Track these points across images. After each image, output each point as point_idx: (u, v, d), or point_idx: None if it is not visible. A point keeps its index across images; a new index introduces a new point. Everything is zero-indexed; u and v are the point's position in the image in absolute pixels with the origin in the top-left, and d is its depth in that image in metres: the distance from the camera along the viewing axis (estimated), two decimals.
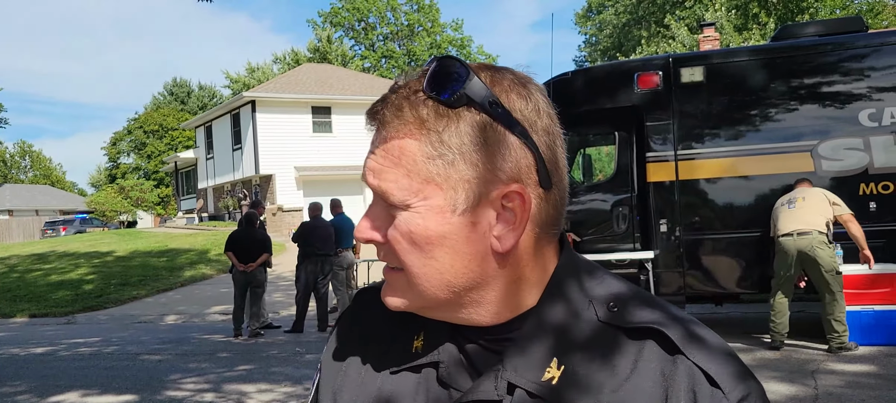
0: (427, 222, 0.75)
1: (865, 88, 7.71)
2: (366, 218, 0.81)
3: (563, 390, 0.74)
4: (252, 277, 10.35)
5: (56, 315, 14.99)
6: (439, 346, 0.83)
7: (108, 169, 64.86)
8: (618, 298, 0.79)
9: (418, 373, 0.83)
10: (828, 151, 7.69)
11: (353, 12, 54.24)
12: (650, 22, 40.60)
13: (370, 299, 0.93)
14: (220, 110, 33.82)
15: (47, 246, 28.09)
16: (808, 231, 6.98)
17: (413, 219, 0.76)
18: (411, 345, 0.85)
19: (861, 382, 6.01)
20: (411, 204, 0.76)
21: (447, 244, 0.76)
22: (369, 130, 0.81)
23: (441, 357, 0.82)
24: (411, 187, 0.76)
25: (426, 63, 0.79)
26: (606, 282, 0.81)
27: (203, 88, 63.94)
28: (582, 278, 0.81)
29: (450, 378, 0.80)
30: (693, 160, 8.06)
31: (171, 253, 22.29)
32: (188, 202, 40.31)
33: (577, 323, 0.78)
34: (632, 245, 8.40)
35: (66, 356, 9.40)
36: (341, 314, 0.96)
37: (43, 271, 20.44)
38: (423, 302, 0.79)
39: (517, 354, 0.77)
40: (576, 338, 0.77)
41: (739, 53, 8.65)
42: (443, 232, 0.76)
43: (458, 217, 0.75)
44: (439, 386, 0.81)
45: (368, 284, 0.97)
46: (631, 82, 8.18)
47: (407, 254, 0.77)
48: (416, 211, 0.76)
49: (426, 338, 0.84)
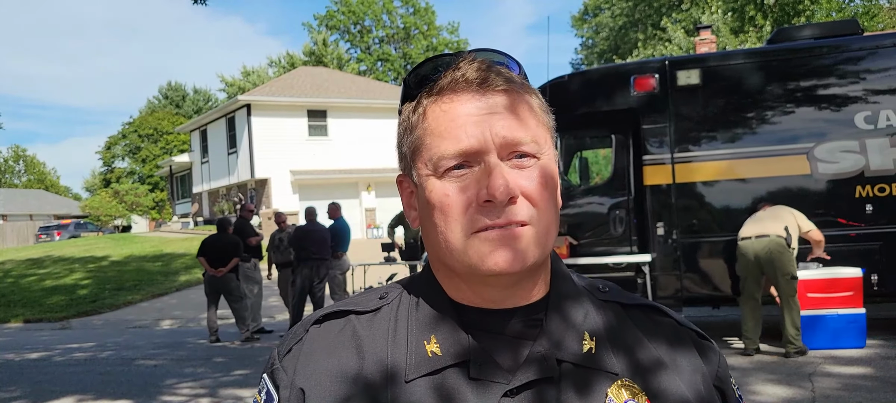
0: (552, 172, 0.85)
1: (861, 91, 7.72)
2: (500, 177, 0.80)
3: (602, 356, 0.85)
4: (223, 283, 10.31)
5: (51, 320, 14.94)
6: (460, 344, 0.83)
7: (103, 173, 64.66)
8: (598, 282, 0.95)
9: (437, 375, 0.82)
10: (824, 154, 7.70)
11: (349, 15, 54.25)
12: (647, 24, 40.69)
13: (333, 323, 0.90)
14: (216, 114, 33.75)
15: (42, 250, 28.00)
16: (766, 234, 7.06)
17: (548, 166, 0.84)
18: (423, 350, 0.83)
19: (858, 384, 6.01)
20: (544, 152, 0.84)
21: (556, 193, 0.86)
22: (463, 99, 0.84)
23: (469, 354, 0.82)
24: (540, 136, 0.85)
25: (462, 54, 0.87)
26: (568, 270, 0.94)
27: (198, 92, 63.84)
28: (559, 264, 0.92)
29: (481, 371, 0.81)
30: (690, 163, 8.06)
31: (167, 257, 22.24)
32: (183, 206, 40.21)
33: (584, 302, 0.89)
34: (629, 248, 8.39)
35: (61, 361, 9.36)
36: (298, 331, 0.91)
37: (37, 276, 20.37)
38: (537, 260, 0.83)
39: (553, 334, 0.84)
40: (592, 314, 0.88)
41: (736, 56, 8.66)
42: (555, 181, 0.86)
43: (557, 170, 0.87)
44: (471, 382, 0.81)
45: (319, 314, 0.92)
46: (627, 85, 8.18)
47: (544, 201, 0.83)
48: (548, 158, 0.85)
49: (442, 340, 0.84)
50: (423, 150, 0.86)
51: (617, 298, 0.92)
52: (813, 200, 7.75)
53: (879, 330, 7.98)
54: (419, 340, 0.84)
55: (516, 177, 0.81)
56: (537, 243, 0.82)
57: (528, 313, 0.86)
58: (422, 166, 0.86)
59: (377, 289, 0.94)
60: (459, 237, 0.82)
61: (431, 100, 0.86)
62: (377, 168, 30.68)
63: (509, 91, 0.84)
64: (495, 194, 0.79)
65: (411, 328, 0.86)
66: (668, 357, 0.88)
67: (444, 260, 0.86)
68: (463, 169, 0.82)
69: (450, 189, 0.82)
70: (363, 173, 30.66)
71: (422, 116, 0.87)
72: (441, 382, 0.81)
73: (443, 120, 0.84)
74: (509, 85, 0.85)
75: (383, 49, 55.20)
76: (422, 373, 0.82)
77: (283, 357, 0.89)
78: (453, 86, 0.84)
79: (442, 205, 0.83)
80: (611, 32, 45.36)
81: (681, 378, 0.86)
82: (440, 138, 0.83)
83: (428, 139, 0.85)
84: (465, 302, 0.86)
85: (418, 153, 0.86)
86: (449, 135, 0.83)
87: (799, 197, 7.76)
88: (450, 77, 0.85)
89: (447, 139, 0.83)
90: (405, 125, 0.90)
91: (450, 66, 0.86)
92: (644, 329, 0.90)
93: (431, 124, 0.85)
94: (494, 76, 0.84)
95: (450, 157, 0.82)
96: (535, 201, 0.82)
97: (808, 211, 7.73)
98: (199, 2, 9.75)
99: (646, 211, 8.17)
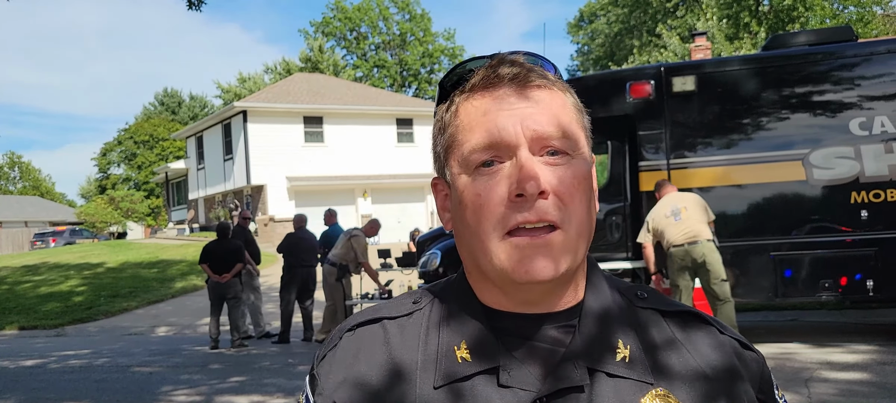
0: (586, 172, 0.84)
1: (856, 97, 7.75)
2: (530, 171, 0.79)
3: (636, 365, 0.82)
4: (226, 288, 10.30)
5: (46, 327, 14.87)
6: (491, 351, 0.82)
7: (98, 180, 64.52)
8: (636, 288, 0.91)
9: (466, 381, 0.81)
10: (819, 160, 7.72)
11: (345, 22, 54.30)
12: (642, 31, 40.80)
13: (366, 329, 0.90)
14: (212, 120, 33.73)
15: (37, 257, 27.91)
16: (697, 240, 7.12)
17: (581, 166, 0.83)
18: (453, 356, 0.83)
19: (854, 390, 6.02)
20: (577, 151, 0.83)
21: (592, 198, 0.85)
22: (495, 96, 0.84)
23: (499, 360, 0.81)
24: (574, 134, 0.84)
25: (497, 54, 0.87)
26: (604, 275, 0.92)
27: (194, 98, 63.81)
28: (596, 270, 0.90)
29: (511, 378, 0.80)
30: (685, 169, 8.08)
31: (162, 264, 22.19)
32: (179, 213, 40.15)
33: (620, 308, 0.87)
34: (625, 254, 8.40)
35: (57, 368, 9.32)
36: (334, 338, 0.92)
37: (32, 283, 20.30)
38: (571, 265, 0.81)
39: (586, 341, 0.83)
40: (627, 320, 0.86)
41: (731, 62, 8.68)
42: (590, 180, 0.85)
43: (592, 171, 0.86)
44: (500, 388, 0.80)
45: (353, 321, 0.92)
46: (623, 91, 8.20)
47: (575, 201, 0.81)
48: (581, 159, 0.83)
49: (472, 346, 0.83)
50: (455, 147, 0.86)
51: (655, 305, 0.89)
52: (808, 206, 7.78)
53: (875, 335, 8.01)
54: (450, 345, 0.84)
55: (547, 174, 0.80)
56: (569, 249, 0.80)
57: (562, 319, 0.84)
58: (454, 164, 0.85)
59: (411, 293, 0.94)
60: (492, 238, 0.81)
61: (464, 97, 0.86)
62: (373, 174, 30.70)
63: (543, 87, 0.84)
64: (526, 187, 0.78)
65: (442, 333, 0.85)
66: (707, 367, 0.85)
67: (477, 262, 0.84)
68: (494, 165, 0.82)
69: (481, 187, 0.82)
70: (359, 180, 30.66)
71: (454, 114, 0.87)
72: (470, 388, 0.80)
73: (474, 115, 0.84)
74: (543, 81, 0.85)
75: (379, 55, 55.25)
76: (451, 379, 0.81)
77: (319, 364, 0.90)
78: (486, 83, 0.84)
79: (474, 204, 0.82)
80: (606, 39, 45.45)
81: (720, 387, 0.84)
82: (471, 132, 0.83)
83: (460, 135, 0.85)
84: (498, 307, 0.85)
85: (451, 151, 0.86)
86: (480, 128, 0.82)
87: (794, 202, 7.79)
88: (483, 74, 0.85)
89: (478, 133, 0.82)
90: (439, 125, 0.90)
91: (483, 66, 0.86)
92: (683, 337, 0.87)
93: (463, 120, 0.85)
94: (528, 72, 0.84)
95: (480, 150, 0.82)
96: (565, 200, 0.80)
97: (804, 216, 7.77)
98: (194, 7, 9.75)
99: (642, 217, 8.18)
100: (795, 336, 8.39)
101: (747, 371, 0.87)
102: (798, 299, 8.22)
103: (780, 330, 9.38)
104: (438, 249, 10.60)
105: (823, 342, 8.04)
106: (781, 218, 7.81)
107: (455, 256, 10.49)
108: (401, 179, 31.50)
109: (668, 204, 7.36)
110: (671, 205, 7.33)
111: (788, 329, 9.52)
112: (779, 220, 7.81)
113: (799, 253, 7.73)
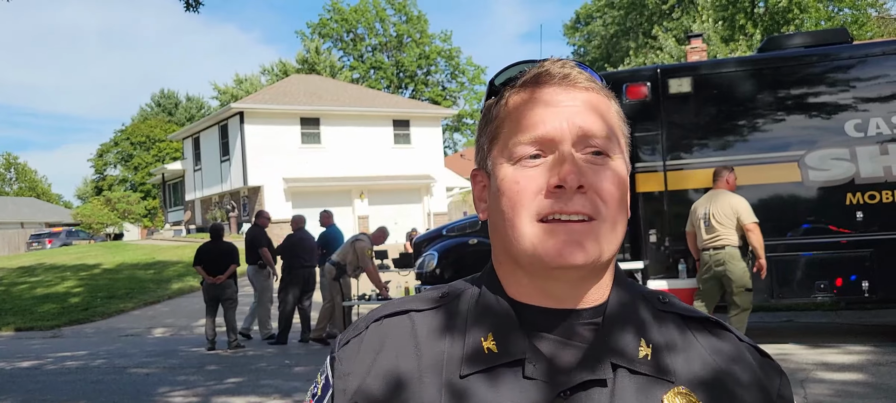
0: (624, 174, 0.87)
1: (851, 99, 7.78)
2: (572, 165, 0.82)
3: (658, 363, 0.84)
4: (221, 290, 10.30)
5: (42, 328, 14.84)
6: (517, 343, 0.84)
7: (95, 181, 64.40)
8: (658, 293, 0.94)
9: (491, 372, 0.83)
10: (815, 161, 7.75)
11: (342, 23, 54.29)
12: (638, 33, 40.86)
13: (393, 321, 0.91)
14: (208, 121, 33.70)
15: (33, 258, 27.85)
16: (722, 246, 7.07)
17: (619, 168, 0.86)
18: (479, 347, 0.85)
19: (850, 391, 6.04)
20: (617, 154, 0.87)
21: (626, 199, 0.87)
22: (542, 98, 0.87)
23: (525, 353, 0.83)
24: (615, 137, 0.87)
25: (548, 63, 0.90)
26: (629, 280, 0.94)
27: (191, 99, 63.75)
28: (621, 273, 0.93)
29: (535, 371, 0.82)
30: (682, 170, 8.10)
31: (159, 265, 22.15)
32: (176, 214, 40.09)
33: (643, 310, 0.89)
34: (621, 255, 8.41)
35: (53, 370, 9.31)
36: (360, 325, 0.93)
37: (29, 284, 20.25)
38: (602, 259, 0.84)
39: (609, 338, 0.85)
40: (650, 321, 0.88)
41: (726, 64, 8.71)
42: (626, 186, 0.87)
43: (627, 178, 0.89)
44: (525, 380, 0.82)
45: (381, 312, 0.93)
46: (619, 93, 8.21)
47: (612, 200, 0.84)
48: (620, 162, 0.87)
49: (499, 338, 0.85)
50: (500, 137, 0.89)
51: (677, 309, 0.92)
52: (804, 207, 7.81)
53: (871, 336, 8.04)
54: (476, 337, 0.85)
55: (588, 170, 0.83)
56: (603, 239, 0.83)
57: (587, 316, 0.86)
58: (497, 153, 0.89)
59: (439, 287, 0.95)
60: (526, 224, 0.83)
61: (514, 91, 0.89)
62: (370, 176, 30.69)
63: (590, 89, 0.88)
64: (567, 178, 0.81)
65: (469, 325, 0.87)
66: (727, 372, 0.86)
67: (509, 250, 0.86)
68: (537, 159, 0.84)
69: (521, 176, 0.84)
70: (356, 181, 30.65)
71: (503, 106, 0.90)
72: (495, 379, 0.82)
73: (523, 108, 0.87)
74: (592, 84, 0.88)
75: (376, 57, 55.23)
76: (476, 369, 0.83)
77: (342, 348, 0.91)
78: (536, 80, 0.88)
79: (511, 192, 0.85)
80: (603, 41, 45.53)
81: (740, 393, 0.85)
82: (518, 124, 0.86)
83: (506, 126, 0.88)
84: (525, 301, 0.87)
85: (495, 140, 0.90)
86: (527, 121, 0.86)
87: (790, 204, 7.82)
88: (534, 72, 0.88)
89: (525, 125, 0.86)
90: (486, 116, 0.93)
91: (535, 66, 0.90)
92: (703, 342, 0.89)
93: (512, 112, 0.88)
94: (577, 73, 0.88)
95: (526, 143, 0.85)
96: (603, 197, 0.83)
97: (800, 217, 7.79)
98: (192, 9, 9.75)
99: (638, 218, 8.20)
100: (791, 337, 8.42)
101: (767, 381, 0.88)
102: (794, 300, 8.24)
103: (776, 331, 9.41)
104: (436, 250, 10.62)
105: (819, 343, 8.07)
106: (777, 220, 7.83)
107: (452, 257, 10.51)
108: (398, 180, 31.50)
109: (703, 204, 7.28)
110: (705, 206, 7.25)
111: (784, 330, 9.54)
112: (774, 221, 7.83)
113: (795, 254, 7.75)
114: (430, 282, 10.16)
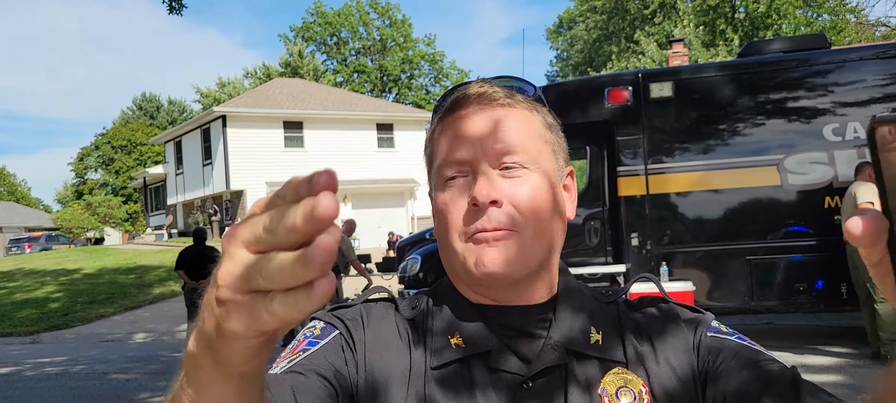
0: (544, 183, 0.91)
1: (829, 103, 7.88)
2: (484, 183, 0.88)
3: (607, 347, 0.92)
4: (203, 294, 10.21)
5: (21, 334, 14.66)
6: (481, 338, 0.91)
7: (75, 185, 63.71)
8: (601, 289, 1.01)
9: (460, 364, 0.90)
10: (793, 165, 7.83)
11: (325, 27, 54.15)
12: (620, 38, 41.11)
13: (382, 305, 0.98)
14: (190, 125, 33.48)
15: (12, 263, 27.53)
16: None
17: (539, 179, 0.91)
18: (448, 343, 0.92)
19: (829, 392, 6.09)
20: (538, 165, 0.91)
21: (555, 206, 0.92)
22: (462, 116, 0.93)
23: (490, 346, 0.91)
24: (535, 149, 0.92)
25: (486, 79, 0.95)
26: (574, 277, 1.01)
27: (173, 103, 63.27)
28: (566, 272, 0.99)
29: (499, 362, 0.90)
30: (663, 174, 8.16)
31: (140, 269, 21.97)
32: (157, 218, 39.79)
33: (590, 300, 0.97)
34: (604, 259, 8.46)
35: (32, 376, 9.21)
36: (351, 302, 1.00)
37: (7, 289, 20.02)
38: (528, 265, 0.89)
39: (563, 328, 0.92)
40: (597, 310, 0.96)
41: (707, 69, 8.80)
42: (553, 194, 0.92)
43: (557, 182, 0.94)
44: (489, 373, 0.89)
45: (371, 296, 1.01)
46: (601, 97, 8.27)
47: (531, 210, 0.89)
48: (542, 172, 0.91)
49: (464, 335, 0.92)
50: (433, 163, 0.96)
51: (619, 296, 1.00)
52: (783, 211, 7.89)
53: (849, 338, 8.13)
54: (445, 336, 0.92)
55: (503, 185, 0.89)
56: (526, 249, 0.89)
57: (540, 311, 0.93)
58: (433, 178, 0.96)
59: (408, 299, 1.02)
60: (456, 241, 0.91)
61: (439, 117, 0.96)
62: (354, 179, 30.61)
63: (507, 106, 0.93)
64: (477, 197, 0.87)
65: (437, 324, 0.94)
66: (661, 340, 0.93)
67: (450, 265, 0.95)
68: (458, 178, 0.91)
69: (448, 198, 0.92)
70: (340, 185, 30.04)
71: (433, 133, 0.98)
72: (464, 370, 0.89)
73: (443, 134, 0.94)
74: (508, 100, 0.93)
75: (360, 61, 55.13)
76: (446, 361, 0.90)
77: (337, 309, 0.97)
78: (453, 105, 0.94)
79: (441, 214, 0.93)
80: (585, 45, 45.74)
81: (675, 356, 0.92)
82: (439, 149, 0.94)
83: (435, 153, 0.96)
84: (482, 302, 0.94)
85: (431, 166, 0.98)
86: (446, 146, 0.93)
87: (769, 207, 7.90)
88: (456, 94, 0.95)
89: (444, 150, 0.93)
90: (426, 145, 1.01)
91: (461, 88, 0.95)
92: (644, 319, 0.96)
93: (436, 138, 0.96)
94: (494, 91, 0.93)
95: (447, 166, 0.92)
96: (520, 208, 0.88)
97: (779, 221, 7.87)
98: (175, 12, 9.72)
99: (620, 221, 8.25)
100: (771, 340, 8.49)
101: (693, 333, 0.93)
102: (773, 303, 8.32)
103: (756, 334, 9.45)
104: (419, 254, 10.62)
105: (798, 345, 8.15)
106: (757, 223, 7.91)
107: (434, 261, 10.51)
108: (381, 184, 31.47)
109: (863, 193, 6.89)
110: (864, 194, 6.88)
111: (764, 332, 9.62)
112: (754, 225, 7.91)
113: (774, 258, 7.83)
114: (413, 286, 10.16)
